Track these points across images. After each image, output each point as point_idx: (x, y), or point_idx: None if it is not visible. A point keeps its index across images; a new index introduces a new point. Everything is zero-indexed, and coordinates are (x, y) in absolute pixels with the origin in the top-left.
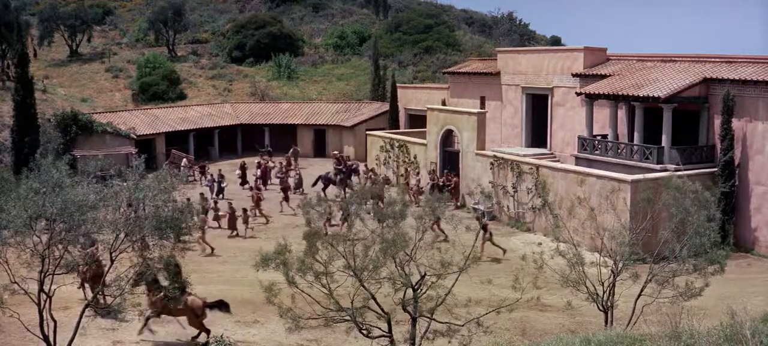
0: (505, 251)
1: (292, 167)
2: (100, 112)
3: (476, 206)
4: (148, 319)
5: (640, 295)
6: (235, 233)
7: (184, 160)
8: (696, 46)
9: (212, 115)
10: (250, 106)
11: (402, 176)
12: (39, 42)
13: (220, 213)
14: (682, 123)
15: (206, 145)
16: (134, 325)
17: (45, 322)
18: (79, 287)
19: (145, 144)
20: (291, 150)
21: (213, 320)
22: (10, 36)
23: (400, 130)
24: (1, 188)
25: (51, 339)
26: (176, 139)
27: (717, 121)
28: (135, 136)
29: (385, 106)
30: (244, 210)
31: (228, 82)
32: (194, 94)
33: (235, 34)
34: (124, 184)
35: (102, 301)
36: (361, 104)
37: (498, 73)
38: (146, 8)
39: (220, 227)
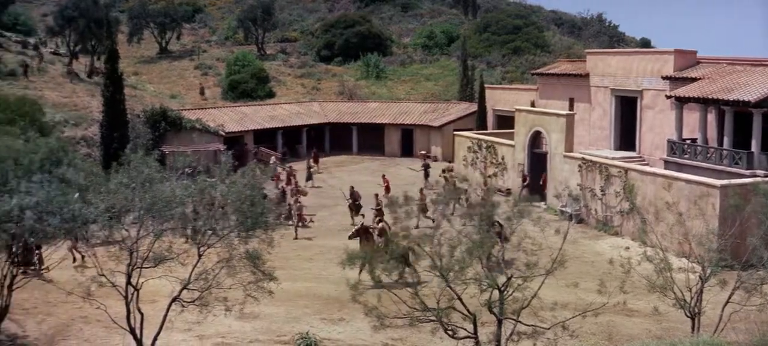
0: None
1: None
2: (188, 109)
3: (563, 209)
4: None
5: (727, 302)
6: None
7: (272, 157)
8: None
9: (300, 113)
10: (339, 105)
11: (489, 176)
12: (128, 39)
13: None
14: None
15: (294, 143)
16: (220, 319)
17: (132, 315)
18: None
19: (233, 141)
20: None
21: (298, 316)
22: (99, 32)
23: (488, 131)
24: (90, 182)
25: (137, 332)
26: (264, 136)
27: None
28: (223, 134)
29: (473, 107)
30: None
31: (316, 80)
32: (283, 92)
33: (324, 33)
34: (212, 180)
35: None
36: (448, 105)
37: (587, 75)
38: (236, 6)
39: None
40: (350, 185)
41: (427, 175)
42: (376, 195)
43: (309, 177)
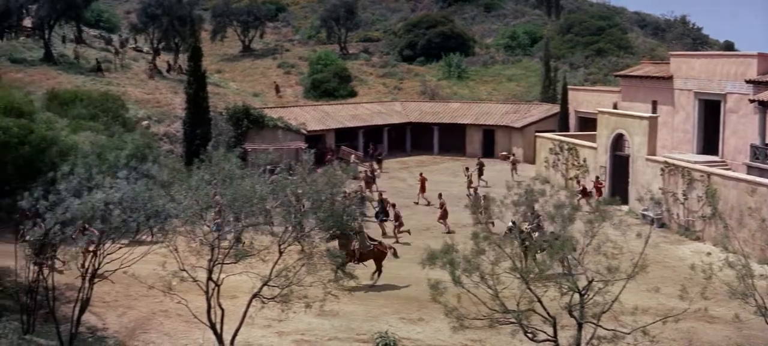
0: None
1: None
2: (271, 107)
3: (645, 212)
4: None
5: None
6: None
7: (353, 156)
8: None
9: (382, 112)
10: (420, 105)
11: (571, 179)
12: (212, 37)
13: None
14: None
15: (375, 142)
16: (300, 316)
17: (212, 310)
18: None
19: (315, 140)
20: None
21: (377, 315)
22: (183, 30)
23: (570, 133)
24: (173, 179)
25: (217, 327)
26: (346, 135)
27: None
28: (305, 132)
29: (556, 108)
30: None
31: (398, 80)
32: (364, 92)
33: (407, 32)
34: (293, 177)
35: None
36: (531, 106)
37: (670, 78)
38: (319, 6)
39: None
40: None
41: (480, 173)
42: (440, 195)
43: (372, 181)
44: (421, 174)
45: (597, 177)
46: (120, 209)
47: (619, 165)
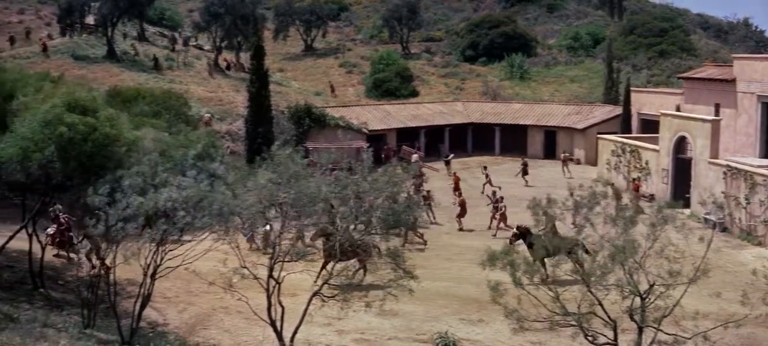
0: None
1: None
2: (332, 106)
3: (707, 216)
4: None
5: None
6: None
7: (415, 155)
8: None
9: (443, 112)
10: (482, 106)
11: (632, 181)
12: (274, 36)
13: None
14: None
15: (437, 142)
16: (360, 315)
17: (273, 307)
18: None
19: (376, 139)
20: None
21: (437, 316)
22: (246, 29)
23: (632, 135)
24: (237, 178)
25: (277, 324)
26: (407, 135)
27: None
28: (366, 131)
29: (618, 110)
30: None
31: (460, 80)
32: (426, 91)
33: (469, 33)
34: (354, 177)
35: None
36: (593, 107)
37: (733, 80)
38: (381, 5)
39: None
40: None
41: (525, 172)
42: (494, 192)
43: (420, 186)
44: (454, 173)
45: (635, 178)
46: (184, 207)
47: (682, 168)
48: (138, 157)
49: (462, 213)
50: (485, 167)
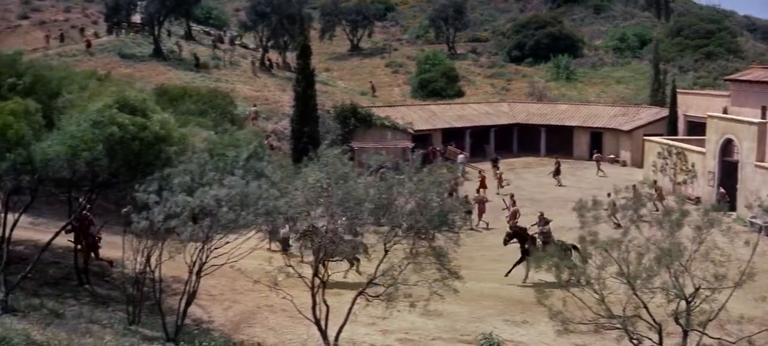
0: None
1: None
2: (378, 106)
3: (754, 220)
4: None
5: None
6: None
7: (461, 156)
8: None
9: (489, 113)
10: (528, 106)
11: (678, 184)
12: (320, 35)
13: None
14: None
15: (482, 143)
16: (404, 315)
17: (317, 306)
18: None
19: (422, 139)
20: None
21: (481, 317)
22: (292, 28)
23: (678, 137)
24: (283, 177)
25: (322, 323)
26: (452, 136)
27: None
28: (412, 131)
29: (664, 112)
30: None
31: (506, 81)
32: (472, 92)
33: (515, 33)
34: (401, 177)
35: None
36: (639, 109)
37: None
38: (428, 6)
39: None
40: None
41: (557, 172)
42: (511, 195)
43: (454, 189)
44: (480, 172)
45: (655, 181)
46: (229, 205)
47: (728, 171)
48: (187, 157)
49: (480, 212)
50: (496, 162)
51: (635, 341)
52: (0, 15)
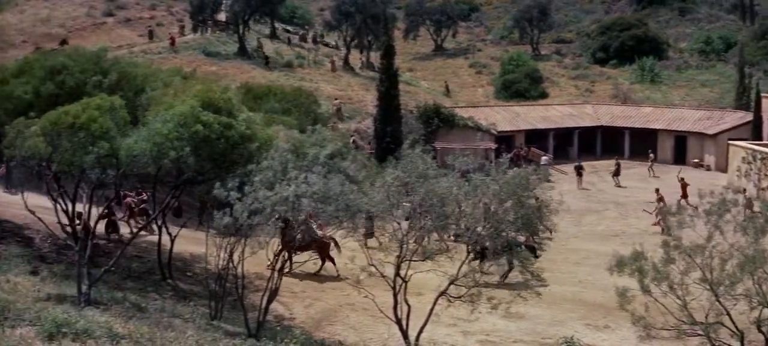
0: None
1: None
2: (461, 107)
3: None
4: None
5: None
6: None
7: (544, 158)
8: None
9: (573, 115)
10: (612, 108)
11: (763, 189)
12: (404, 35)
13: None
14: None
15: (565, 145)
16: (486, 317)
17: (399, 306)
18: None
19: (504, 140)
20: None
21: (563, 320)
22: (376, 28)
23: (763, 142)
24: (366, 175)
25: (403, 323)
26: (536, 137)
27: None
28: (495, 132)
29: (749, 116)
30: None
31: (590, 82)
32: (556, 93)
33: (600, 35)
34: (486, 179)
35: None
36: (724, 112)
37: None
38: (512, 6)
39: None
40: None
41: (617, 173)
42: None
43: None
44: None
45: (682, 179)
46: (311, 201)
47: None
48: (271, 154)
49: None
50: (581, 173)
51: None
52: (85, 12)
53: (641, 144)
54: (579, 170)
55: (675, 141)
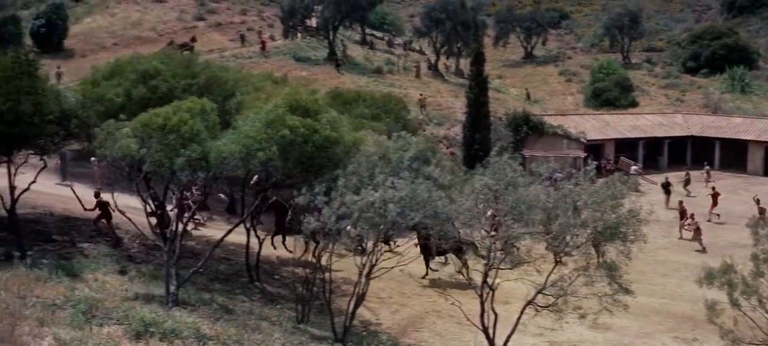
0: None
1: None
2: (550, 115)
3: None
4: None
5: None
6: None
7: (634, 167)
8: None
9: (663, 124)
10: (702, 118)
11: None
12: (494, 42)
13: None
14: None
15: (655, 154)
16: (573, 327)
17: (486, 314)
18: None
19: (594, 149)
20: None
21: (650, 332)
22: (466, 35)
23: None
24: (453, 182)
25: (490, 331)
26: (625, 146)
27: None
28: (584, 141)
29: None
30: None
31: (680, 92)
32: (646, 102)
33: (691, 43)
34: (575, 187)
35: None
36: None
37: None
38: (602, 14)
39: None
40: None
41: (687, 183)
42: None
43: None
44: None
45: (713, 187)
46: (398, 206)
47: None
48: (358, 159)
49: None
50: (668, 190)
51: None
52: (176, 16)
53: (732, 155)
54: (667, 188)
55: (765, 152)
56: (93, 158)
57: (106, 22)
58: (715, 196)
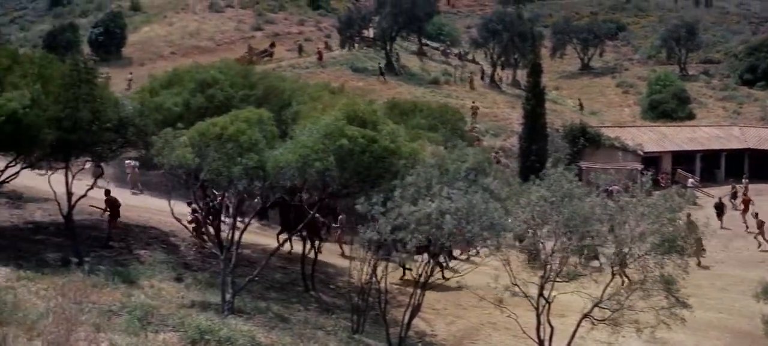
0: None
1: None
2: (607, 126)
3: None
4: None
5: None
6: None
7: (691, 180)
8: None
9: (720, 137)
10: (759, 131)
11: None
12: (551, 53)
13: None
14: None
15: (712, 167)
16: (629, 341)
17: (542, 327)
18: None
19: (651, 162)
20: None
21: None
22: (523, 46)
23: None
24: (510, 193)
25: (546, 344)
26: (682, 159)
27: None
28: (642, 153)
29: None
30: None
31: (737, 104)
32: (703, 114)
33: (748, 56)
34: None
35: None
36: None
37: None
38: (660, 26)
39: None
40: None
41: (734, 196)
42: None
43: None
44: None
45: (744, 193)
46: (454, 218)
47: None
48: (416, 170)
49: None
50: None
51: None
52: (234, 26)
53: None
54: (720, 210)
55: None
56: (127, 160)
57: (163, 31)
58: (746, 202)
